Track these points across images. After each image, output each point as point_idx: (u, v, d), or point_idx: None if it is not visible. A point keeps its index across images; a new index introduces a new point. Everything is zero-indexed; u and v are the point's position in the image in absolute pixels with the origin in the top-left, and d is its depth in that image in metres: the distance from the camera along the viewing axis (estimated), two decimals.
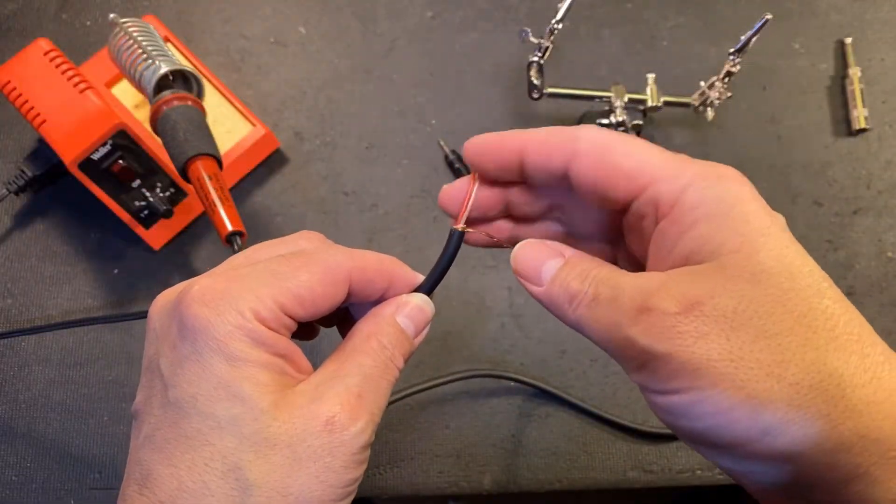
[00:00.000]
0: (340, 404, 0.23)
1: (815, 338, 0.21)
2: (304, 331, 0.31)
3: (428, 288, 0.28)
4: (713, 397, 0.20)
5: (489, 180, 0.28)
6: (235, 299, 0.23)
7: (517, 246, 0.27)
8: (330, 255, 0.26)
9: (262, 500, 0.22)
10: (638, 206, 0.25)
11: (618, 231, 0.28)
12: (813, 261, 0.22)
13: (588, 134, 0.25)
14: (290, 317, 0.24)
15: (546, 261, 0.26)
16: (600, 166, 0.24)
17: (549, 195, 0.28)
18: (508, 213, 0.30)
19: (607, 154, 0.24)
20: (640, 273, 0.24)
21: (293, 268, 0.25)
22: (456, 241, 0.28)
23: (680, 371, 0.21)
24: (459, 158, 0.54)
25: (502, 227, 0.30)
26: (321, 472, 0.23)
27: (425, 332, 0.29)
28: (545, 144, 0.26)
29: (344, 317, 0.31)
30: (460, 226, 0.28)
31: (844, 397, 0.20)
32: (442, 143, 0.55)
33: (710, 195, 0.23)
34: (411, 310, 0.28)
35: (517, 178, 0.28)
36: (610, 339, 0.23)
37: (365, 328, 0.27)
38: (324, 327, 0.32)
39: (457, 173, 0.54)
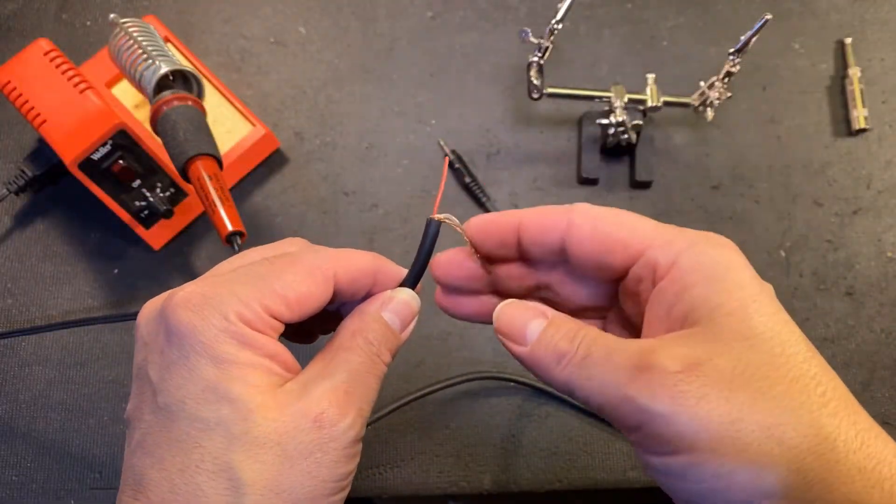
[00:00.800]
0: (329, 401, 0.24)
1: (809, 402, 0.21)
2: (303, 336, 0.31)
3: (412, 282, 0.29)
4: (714, 460, 0.20)
5: (485, 257, 0.29)
6: (220, 303, 0.23)
7: (499, 306, 0.27)
8: (313, 255, 0.26)
9: (254, 499, 0.22)
10: (636, 270, 0.25)
11: (603, 309, 0.29)
12: (798, 329, 0.23)
13: (581, 207, 0.26)
14: (276, 318, 0.24)
15: (530, 321, 0.26)
16: (595, 236, 0.25)
17: (539, 274, 0.29)
18: (495, 290, 0.30)
19: (600, 225, 0.25)
20: (632, 339, 0.24)
21: (276, 269, 0.25)
22: (433, 231, 0.28)
23: (681, 432, 0.21)
24: (459, 158, 0.54)
25: (487, 303, 0.30)
26: (312, 468, 0.23)
27: (412, 325, 0.29)
28: (541, 219, 0.26)
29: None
30: (437, 216, 0.28)
31: (839, 462, 0.20)
32: (442, 143, 0.55)
33: (706, 260, 0.23)
34: (396, 304, 0.28)
35: (514, 255, 0.28)
36: (604, 398, 0.23)
37: (351, 325, 0.27)
38: (323, 334, 0.32)
39: (457, 173, 0.54)
